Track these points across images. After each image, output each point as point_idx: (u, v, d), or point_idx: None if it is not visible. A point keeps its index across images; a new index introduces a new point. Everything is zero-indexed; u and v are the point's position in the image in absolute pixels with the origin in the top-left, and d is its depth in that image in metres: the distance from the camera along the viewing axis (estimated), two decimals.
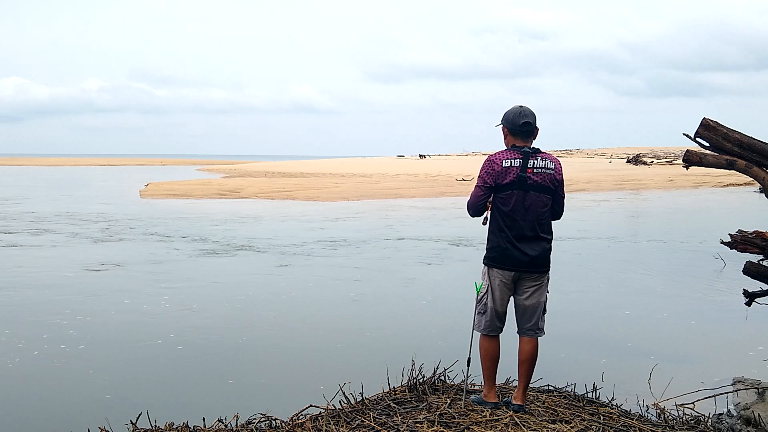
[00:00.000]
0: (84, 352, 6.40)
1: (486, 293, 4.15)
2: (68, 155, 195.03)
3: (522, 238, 4.04)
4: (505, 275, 4.09)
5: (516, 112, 4.12)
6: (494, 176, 4.04)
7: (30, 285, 9.52)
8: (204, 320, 7.58)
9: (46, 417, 4.95)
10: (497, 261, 4.10)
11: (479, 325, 4.21)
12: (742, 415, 4.68)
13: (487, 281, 4.15)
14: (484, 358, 4.22)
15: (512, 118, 4.12)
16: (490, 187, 4.06)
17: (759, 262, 4.99)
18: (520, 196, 4.03)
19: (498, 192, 4.06)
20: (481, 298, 4.17)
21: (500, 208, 4.07)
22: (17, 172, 58.82)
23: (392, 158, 74.75)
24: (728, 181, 34.07)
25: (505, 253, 4.07)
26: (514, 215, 4.04)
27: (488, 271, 4.14)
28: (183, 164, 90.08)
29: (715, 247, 6.81)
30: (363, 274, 10.70)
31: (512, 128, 4.12)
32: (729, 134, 4.79)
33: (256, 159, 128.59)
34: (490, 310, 4.14)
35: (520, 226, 4.04)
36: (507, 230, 4.05)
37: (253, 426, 4.14)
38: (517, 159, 4.04)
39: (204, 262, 11.54)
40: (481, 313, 4.18)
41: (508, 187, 4.02)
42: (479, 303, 4.19)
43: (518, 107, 4.15)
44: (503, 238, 4.07)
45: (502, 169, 4.03)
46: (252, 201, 25.93)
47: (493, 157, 4.08)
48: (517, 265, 4.06)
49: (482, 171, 4.09)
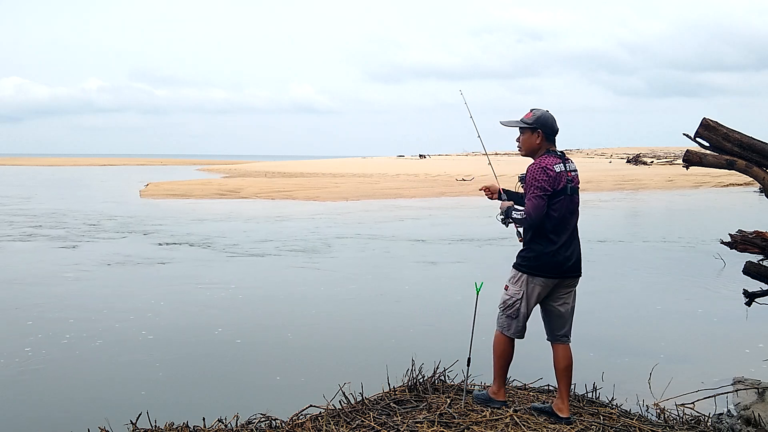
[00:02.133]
0: (84, 353, 6.39)
1: (520, 299, 4.03)
2: (68, 155, 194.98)
3: (566, 243, 3.99)
4: (548, 283, 4.01)
5: (551, 118, 4.06)
6: (552, 182, 3.91)
7: (29, 285, 9.52)
8: (204, 320, 7.58)
9: (46, 417, 4.95)
10: (541, 269, 3.99)
11: (508, 328, 4.11)
12: (742, 415, 4.68)
13: (521, 288, 4.03)
14: (501, 357, 4.17)
15: (550, 123, 4.05)
16: (550, 194, 3.91)
17: (759, 262, 4.99)
18: (567, 201, 3.98)
19: (551, 198, 3.93)
20: (514, 302, 4.06)
21: (551, 215, 3.93)
22: (17, 172, 58.81)
23: (392, 158, 74.71)
24: (728, 181, 34.06)
25: (551, 261, 3.96)
26: (563, 221, 3.96)
27: (526, 279, 4.02)
28: (183, 164, 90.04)
29: (715, 247, 6.81)
30: (363, 273, 10.70)
31: (550, 133, 4.05)
32: (729, 134, 4.79)
33: (256, 159, 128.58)
34: (522, 316, 4.06)
35: (566, 231, 3.98)
36: (555, 237, 3.95)
37: (253, 426, 4.14)
38: (560, 163, 3.97)
39: (203, 262, 11.54)
40: (512, 317, 4.08)
41: (561, 193, 3.94)
42: (509, 307, 4.08)
43: (547, 112, 4.09)
44: (550, 246, 3.95)
45: (556, 174, 3.93)
46: (252, 201, 25.93)
47: (544, 163, 3.95)
48: (561, 272, 3.99)
49: (539, 179, 3.90)
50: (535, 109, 4.09)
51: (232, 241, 13.96)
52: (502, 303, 4.12)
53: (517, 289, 4.05)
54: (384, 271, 10.92)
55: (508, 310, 4.09)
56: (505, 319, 4.12)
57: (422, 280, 10.17)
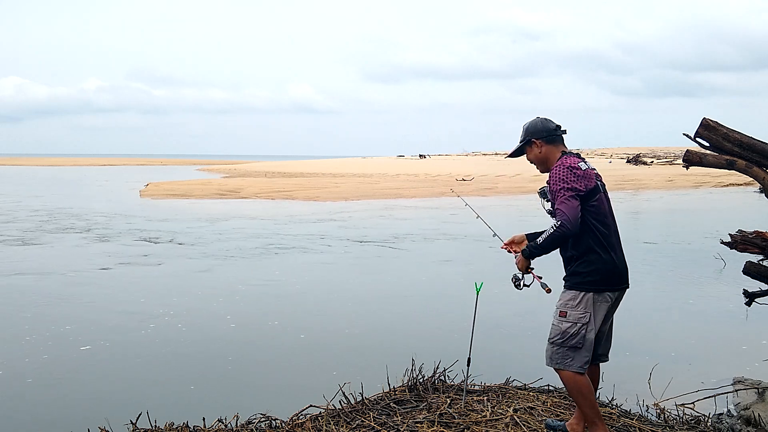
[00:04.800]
0: (83, 353, 6.39)
1: (587, 324, 3.49)
2: (68, 155, 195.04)
3: (618, 247, 3.61)
4: (614, 296, 3.58)
5: (541, 120, 3.75)
6: (582, 181, 3.48)
7: (29, 285, 9.52)
8: (204, 320, 7.58)
9: (46, 417, 4.94)
10: (608, 282, 3.53)
11: (571, 363, 3.50)
12: (742, 415, 4.68)
13: (586, 309, 3.50)
14: (587, 394, 3.55)
15: (541, 125, 3.72)
16: (583, 194, 3.48)
17: (759, 262, 4.99)
18: (605, 199, 3.61)
19: (587, 200, 3.50)
20: (579, 330, 3.48)
21: (594, 219, 3.50)
22: (18, 172, 58.79)
23: (392, 158, 74.73)
24: (728, 181, 34.08)
25: (615, 270, 3.55)
26: (608, 223, 3.57)
27: (592, 298, 3.50)
28: (183, 164, 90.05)
29: (715, 247, 6.80)
30: (363, 273, 10.70)
31: (549, 135, 3.69)
32: (729, 134, 4.78)
33: (256, 159, 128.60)
34: (590, 344, 3.51)
35: (614, 233, 3.60)
36: (608, 241, 3.54)
37: (253, 426, 4.14)
38: (581, 161, 3.60)
39: (202, 262, 11.53)
40: (576, 348, 3.49)
41: (595, 192, 3.53)
42: (572, 337, 3.49)
43: (536, 118, 3.78)
44: (607, 252, 3.53)
45: (583, 172, 3.51)
46: (252, 201, 25.93)
47: (568, 162, 3.54)
48: (622, 281, 3.60)
49: (567, 179, 3.46)
50: (524, 124, 3.80)
51: (231, 241, 13.96)
52: (561, 334, 3.52)
53: (581, 313, 3.50)
54: (384, 271, 10.91)
55: (570, 340, 3.50)
56: (567, 351, 3.52)
57: (422, 279, 10.17)
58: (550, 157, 3.68)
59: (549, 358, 3.59)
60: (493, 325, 6.45)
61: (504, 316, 7.25)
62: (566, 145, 3.76)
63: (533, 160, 3.77)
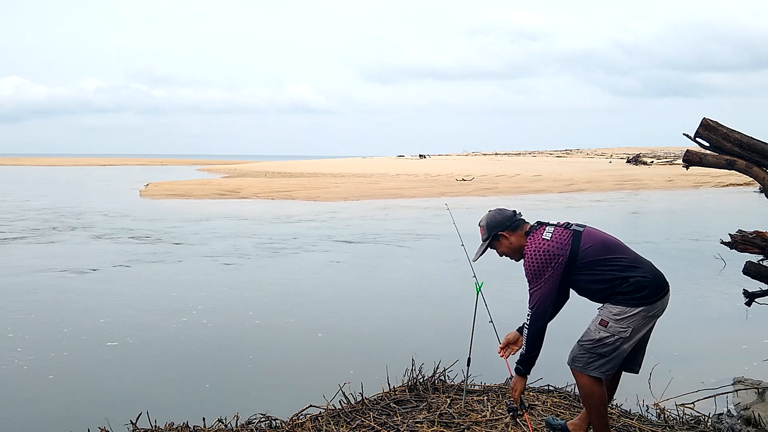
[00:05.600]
0: (83, 353, 6.39)
1: (627, 338, 3.42)
2: (67, 155, 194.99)
3: (640, 258, 3.55)
4: (663, 304, 3.51)
5: (495, 213, 3.70)
6: (558, 251, 3.46)
7: (30, 285, 9.51)
8: (204, 320, 7.58)
9: (46, 417, 4.95)
10: (657, 291, 3.44)
11: (598, 368, 3.47)
12: (742, 415, 4.68)
13: (629, 325, 3.41)
14: (599, 405, 3.54)
15: (498, 218, 3.66)
16: (569, 258, 3.46)
17: (759, 262, 4.99)
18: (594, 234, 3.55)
19: (576, 257, 3.46)
20: (615, 341, 3.43)
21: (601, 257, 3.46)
22: (18, 172, 58.76)
23: (392, 158, 74.71)
24: (728, 181, 34.07)
25: (654, 281, 3.45)
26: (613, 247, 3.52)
27: (642, 312, 3.41)
28: (183, 164, 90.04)
29: (715, 247, 6.79)
30: (363, 273, 10.70)
31: (509, 223, 3.65)
32: (729, 134, 4.78)
33: (255, 159, 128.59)
34: (621, 354, 3.47)
35: (625, 250, 3.54)
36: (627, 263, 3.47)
37: (253, 426, 4.14)
38: (543, 229, 3.58)
39: (201, 262, 11.53)
40: (605, 356, 3.45)
41: (576, 242, 3.49)
42: (604, 345, 3.43)
43: (489, 211, 3.74)
44: (635, 270, 3.44)
45: (552, 243, 3.48)
46: (252, 201, 25.92)
47: (533, 246, 3.51)
48: (665, 285, 3.51)
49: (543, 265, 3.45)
50: (481, 221, 3.73)
51: (230, 242, 13.96)
52: (595, 341, 3.46)
53: (623, 327, 3.42)
54: (384, 271, 10.91)
55: (601, 348, 3.45)
56: (594, 357, 3.47)
57: (422, 279, 10.17)
58: (519, 243, 3.62)
59: (573, 359, 3.54)
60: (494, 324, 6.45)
61: (504, 316, 7.24)
62: (525, 221, 3.69)
63: (505, 252, 3.69)
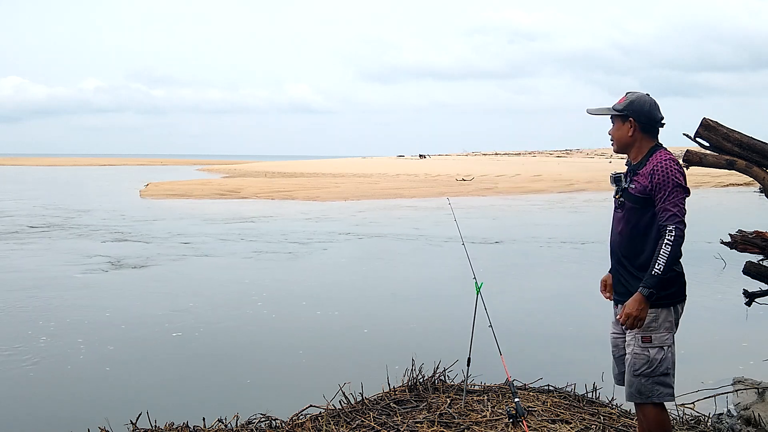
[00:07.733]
0: (83, 353, 6.39)
1: (671, 345, 3.06)
2: (66, 155, 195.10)
3: None
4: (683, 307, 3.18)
5: (649, 102, 3.11)
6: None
7: (30, 285, 9.51)
8: (204, 320, 7.58)
9: (46, 417, 4.94)
10: (682, 288, 3.11)
11: (662, 392, 3.05)
12: (742, 415, 4.68)
13: (669, 329, 3.07)
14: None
15: (647, 109, 3.09)
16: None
17: (759, 262, 4.98)
18: None
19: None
20: (666, 354, 3.03)
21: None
22: (19, 172, 58.77)
23: (392, 158, 74.75)
24: (728, 181, 34.08)
25: (683, 277, 3.12)
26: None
27: (671, 311, 3.08)
28: (183, 164, 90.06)
29: (715, 247, 6.79)
30: (363, 273, 10.69)
31: (646, 122, 3.10)
32: (729, 134, 4.78)
33: (255, 159, 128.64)
34: (674, 364, 3.08)
35: None
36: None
37: (253, 426, 4.14)
38: None
39: (201, 262, 11.54)
40: (666, 374, 3.05)
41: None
42: (659, 364, 3.03)
43: (646, 96, 3.14)
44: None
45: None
46: (252, 201, 25.92)
47: (674, 156, 3.07)
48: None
49: (680, 176, 2.99)
50: (630, 93, 3.15)
51: (230, 242, 13.96)
52: (649, 363, 3.03)
53: (665, 333, 3.05)
54: (384, 271, 10.91)
55: (660, 367, 3.02)
56: (655, 383, 3.03)
57: (422, 279, 10.17)
58: (637, 145, 3.12)
59: (635, 393, 3.06)
60: (494, 324, 6.45)
61: (504, 316, 7.25)
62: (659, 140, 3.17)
63: (615, 136, 3.18)
